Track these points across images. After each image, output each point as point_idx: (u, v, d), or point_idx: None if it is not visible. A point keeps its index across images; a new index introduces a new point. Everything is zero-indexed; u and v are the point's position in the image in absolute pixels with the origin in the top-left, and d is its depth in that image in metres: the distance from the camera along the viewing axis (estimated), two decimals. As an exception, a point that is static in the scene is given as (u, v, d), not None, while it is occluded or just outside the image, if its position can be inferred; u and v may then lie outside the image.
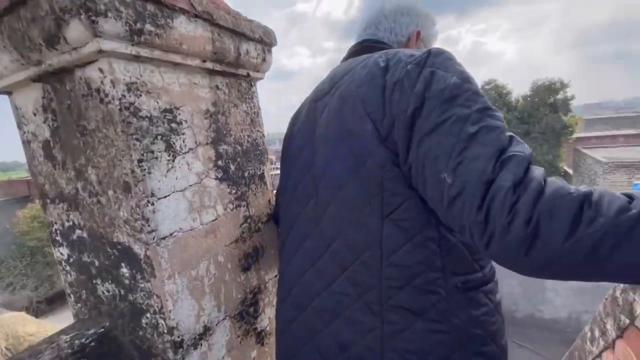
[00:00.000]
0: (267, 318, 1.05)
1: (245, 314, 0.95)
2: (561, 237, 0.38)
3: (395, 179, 0.57)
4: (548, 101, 15.25)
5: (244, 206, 0.95)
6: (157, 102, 0.71)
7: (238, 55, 0.90)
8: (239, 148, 0.95)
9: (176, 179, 0.74)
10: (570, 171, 15.26)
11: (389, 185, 0.57)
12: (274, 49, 1.06)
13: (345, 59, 0.81)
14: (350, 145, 0.61)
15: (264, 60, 1.02)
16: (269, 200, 1.07)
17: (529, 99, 15.72)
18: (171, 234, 0.72)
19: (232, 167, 0.92)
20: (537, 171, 0.44)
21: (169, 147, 0.73)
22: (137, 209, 0.66)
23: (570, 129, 15.41)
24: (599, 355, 1.17)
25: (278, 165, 0.98)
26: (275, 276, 1.10)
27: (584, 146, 15.62)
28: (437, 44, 0.88)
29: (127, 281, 0.71)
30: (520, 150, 0.46)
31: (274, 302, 1.09)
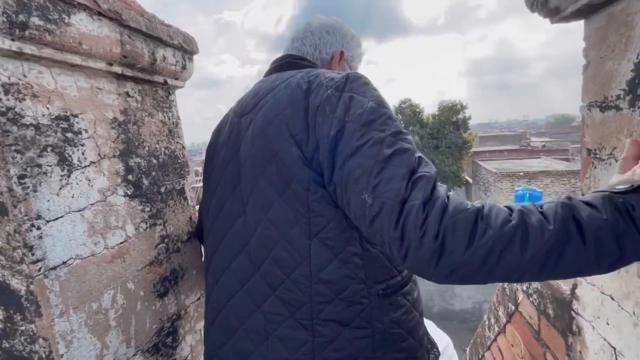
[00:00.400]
0: (189, 346, 0.96)
1: (162, 345, 0.85)
2: (462, 248, 0.43)
3: (320, 200, 0.59)
4: (452, 120, 17.67)
5: (160, 225, 0.86)
6: (47, 108, 0.60)
7: (153, 60, 0.83)
8: (154, 161, 0.86)
9: (72, 197, 0.64)
10: (470, 180, 17.85)
11: (315, 207, 0.59)
12: (199, 56, 1.01)
13: (269, 73, 0.81)
14: (276, 166, 0.61)
15: (184, 67, 0.96)
16: (190, 217, 0.99)
17: (437, 117, 17.97)
18: (65, 263, 0.61)
19: (146, 182, 0.83)
20: (442, 188, 0.49)
21: (63, 160, 0.63)
22: (17, 235, 0.54)
23: (469, 144, 18.07)
24: (495, 339, 1.37)
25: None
26: (198, 299, 1.02)
27: (479, 159, 18.51)
28: (361, 66, 0.91)
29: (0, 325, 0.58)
30: (427, 170, 0.51)
31: (197, 328, 1.01)
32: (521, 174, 13.20)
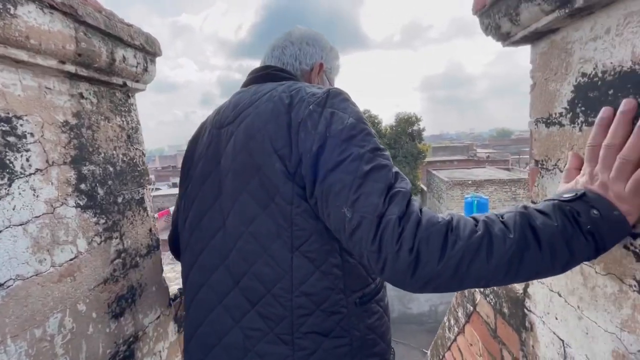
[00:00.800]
0: (147, 370, 0.88)
1: (117, 371, 0.77)
2: (436, 260, 0.46)
3: (303, 214, 0.59)
4: (407, 131, 18.67)
5: (116, 238, 0.79)
6: (-15, 108, 0.53)
7: (112, 61, 0.77)
8: (111, 169, 0.80)
9: (14, 209, 0.56)
10: (425, 188, 18.90)
11: (298, 221, 0.59)
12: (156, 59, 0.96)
13: (247, 83, 0.79)
14: (259, 180, 0.61)
15: (145, 70, 0.90)
16: (150, 229, 0.92)
17: (394, 128, 18.88)
18: (2, 285, 0.53)
19: (101, 192, 0.76)
20: (416, 203, 0.52)
21: (3, 167, 0.55)
22: (-59, 254, 0.47)
23: (423, 154, 19.19)
24: (454, 340, 1.44)
25: (158, 185, 0.85)
26: (158, 318, 0.94)
27: (433, 168, 19.70)
28: (337, 78, 0.92)
29: None
30: (403, 186, 0.53)
31: (156, 349, 0.93)
32: (470, 182, 14.26)
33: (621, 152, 0.45)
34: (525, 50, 0.78)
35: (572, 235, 0.45)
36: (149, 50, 0.90)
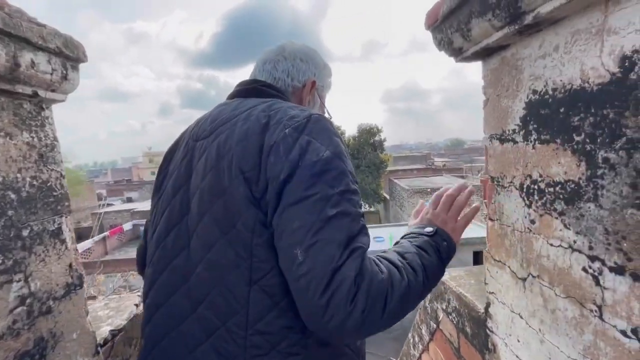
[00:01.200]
0: None
1: None
2: (379, 316, 0.50)
3: (264, 244, 0.55)
4: (370, 141, 19.21)
5: (19, 281, 0.65)
6: None
7: (15, 66, 0.64)
8: (13, 196, 0.66)
9: None
10: (387, 196, 19.46)
11: (259, 251, 0.55)
12: (105, 64, 0.85)
13: (232, 96, 0.75)
14: (223, 203, 0.58)
15: (65, 78, 0.77)
16: (70, 265, 0.78)
17: (356, 139, 19.33)
18: None
19: (-3, 225, 0.62)
20: (368, 260, 0.53)
21: None
22: None
23: (385, 164, 19.81)
24: (419, 357, 1.41)
25: (110, 201, 0.73)
26: (80, 370, 0.79)
27: (394, 177, 20.39)
28: (328, 96, 0.89)
29: None
30: (364, 242, 0.53)
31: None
32: (429, 190, 14.91)
33: (456, 201, 0.72)
34: (476, 66, 0.78)
35: (438, 264, 0.61)
36: (69, 55, 0.77)
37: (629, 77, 0.41)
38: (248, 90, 0.74)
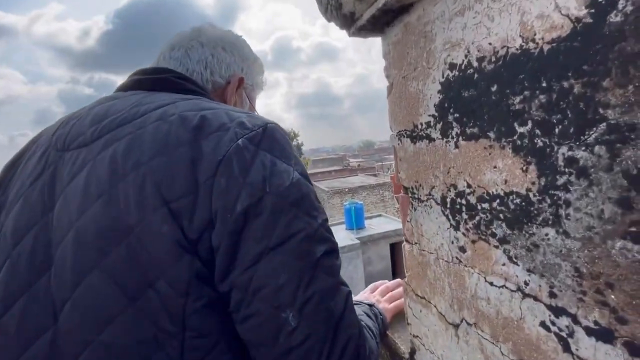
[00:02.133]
0: None
1: None
2: None
3: (204, 310, 0.41)
4: (287, 146, 19.32)
5: None
6: None
7: None
8: None
9: None
10: (309, 200, 19.77)
11: (195, 322, 0.40)
12: None
13: (126, 87, 0.57)
14: (126, 251, 0.40)
15: None
16: None
17: (274, 144, 19.21)
18: None
19: None
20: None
21: None
22: None
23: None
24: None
25: None
26: None
27: (314, 180, 20.83)
28: (258, 97, 0.75)
29: None
30: (344, 281, 0.47)
31: None
32: (346, 190, 15.62)
33: (392, 290, 0.76)
34: (380, 69, 0.60)
35: (379, 333, 0.64)
36: None
37: (606, 21, 0.24)
38: (154, 81, 0.55)
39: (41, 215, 0.45)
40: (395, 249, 9.41)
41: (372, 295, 0.75)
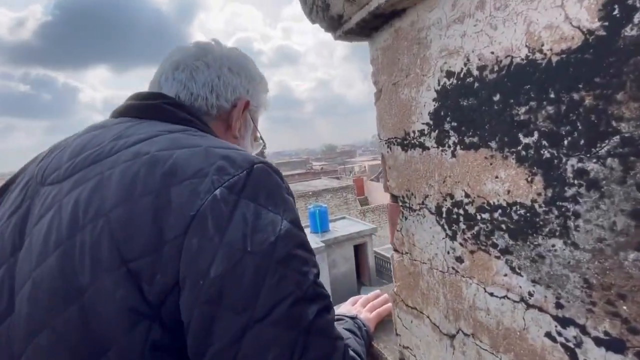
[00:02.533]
0: None
1: None
2: None
3: None
4: (249, 150, 18.88)
5: None
6: None
7: None
8: None
9: None
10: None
11: None
12: None
13: (119, 113, 0.53)
14: (78, 313, 0.35)
15: None
16: None
17: (235, 147, 18.67)
18: None
19: None
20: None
21: None
22: None
23: (267, 172, 19.83)
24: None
25: None
26: None
27: (278, 184, 20.59)
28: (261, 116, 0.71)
29: None
30: (339, 334, 0.44)
31: None
32: (310, 193, 15.62)
33: (372, 301, 0.76)
34: (340, 75, 0.59)
35: (365, 344, 0.63)
36: None
37: (621, 34, 0.24)
38: (146, 108, 0.52)
39: (10, 254, 0.42)
40: (359, 251, 9.60)
41: (353, 307, 0.75)
